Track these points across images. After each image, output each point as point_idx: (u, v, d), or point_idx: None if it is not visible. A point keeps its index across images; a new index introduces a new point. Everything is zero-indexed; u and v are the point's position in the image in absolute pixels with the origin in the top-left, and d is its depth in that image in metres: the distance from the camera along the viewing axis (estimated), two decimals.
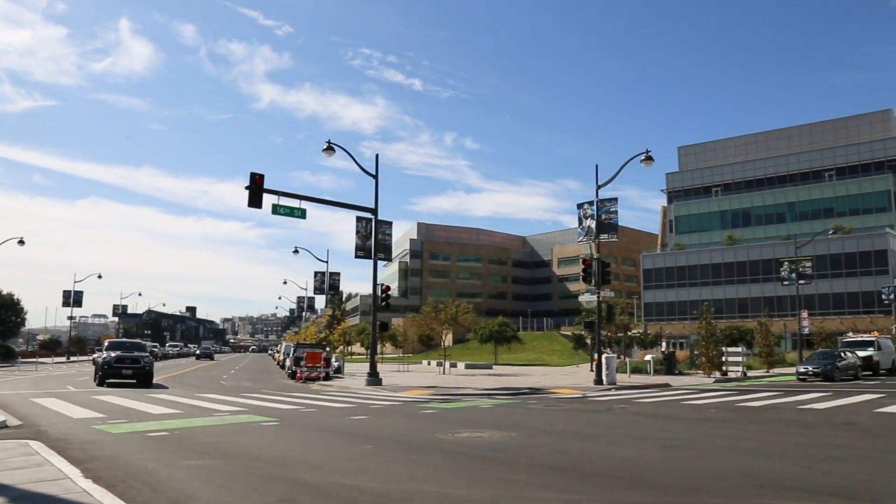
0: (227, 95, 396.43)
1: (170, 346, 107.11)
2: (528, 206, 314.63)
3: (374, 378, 27.18)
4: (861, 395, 21.45)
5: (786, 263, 46.57)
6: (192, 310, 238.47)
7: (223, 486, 7.68)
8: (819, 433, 12.27)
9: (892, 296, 57.88)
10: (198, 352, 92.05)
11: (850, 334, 45.53)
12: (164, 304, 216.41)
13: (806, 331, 46.13)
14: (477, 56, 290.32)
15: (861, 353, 34.81)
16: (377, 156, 28.09)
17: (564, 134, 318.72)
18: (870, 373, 34.83)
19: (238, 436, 12.12)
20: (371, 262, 27.72)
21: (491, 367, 51.87)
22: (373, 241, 27.26)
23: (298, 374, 31.78)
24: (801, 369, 30.80)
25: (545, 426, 13.75)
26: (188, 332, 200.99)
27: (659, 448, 10.47)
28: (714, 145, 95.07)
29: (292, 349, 38.57)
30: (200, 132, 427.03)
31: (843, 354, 32.82)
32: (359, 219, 27.26)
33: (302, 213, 25.10)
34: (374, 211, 27.44)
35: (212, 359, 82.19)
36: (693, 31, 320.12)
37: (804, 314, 46.01)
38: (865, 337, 40.00)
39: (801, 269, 45.17)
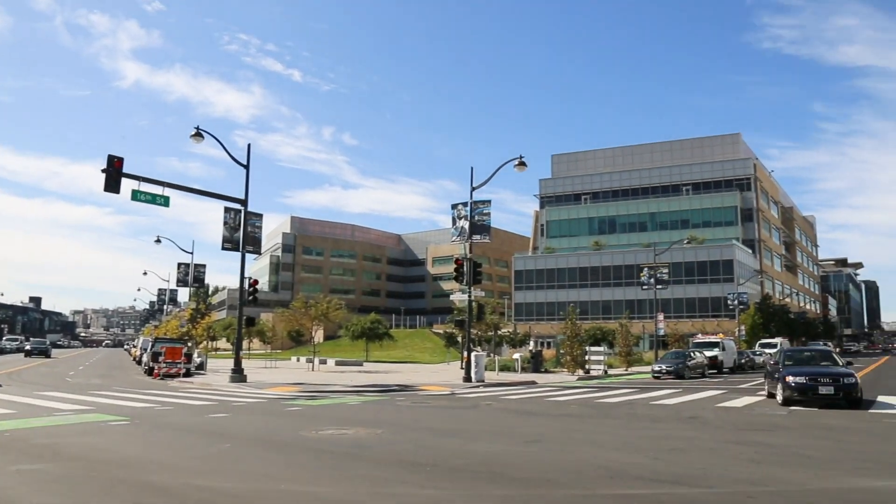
0: (85, 70, 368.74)
1: (7, 339, 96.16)
2: (405, 204, 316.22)
3: (238, 374, 26.24)
4: (706, 391, 23.00)
5: (645, 269, 49.40)
6: (36, 300, 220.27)
7: (59, 492, 7.05)
8: (667, 427, 13.00)
9: (736, 301, 62.88)
10: (28, 347, 65.94)
11: (699, 336, 48.97)
12: (1, 294, 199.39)
13: (661, 332, 49.09)
14: (359, 51, 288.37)
15: (708, 353, 37.50)
16: (249, 145, 27.17)
17: (443, 135, 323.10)
18: (715, 371, 37.54)
19: (81, 436, 11.25)
20: (239, 254, 26.74)
21: (362, 364, 51.53)
22: (241, 232, 26.32)
23: (156, 371, 30.11)
24: (656, 368, 32.73)
25: (412, 423, 13.73)
26: (31, 325, 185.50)
27: (521, 443, 10.70)
28: (585, 155, 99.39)
29: (150, 344, 36.50)
30: (54, 107, 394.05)
31: (692, 354, 35.18)
32: (227, 209, 26.20)
33: (165, 201, 23.78)
34: (244, 202, 26.48)
35: (47, 356, 62.40)
36: (572, 44, 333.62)
37: (660, 317, 48.93)
38: (712, 338, 43.17)
39: (658, 275, 48.03)
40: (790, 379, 16.85)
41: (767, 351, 49.92)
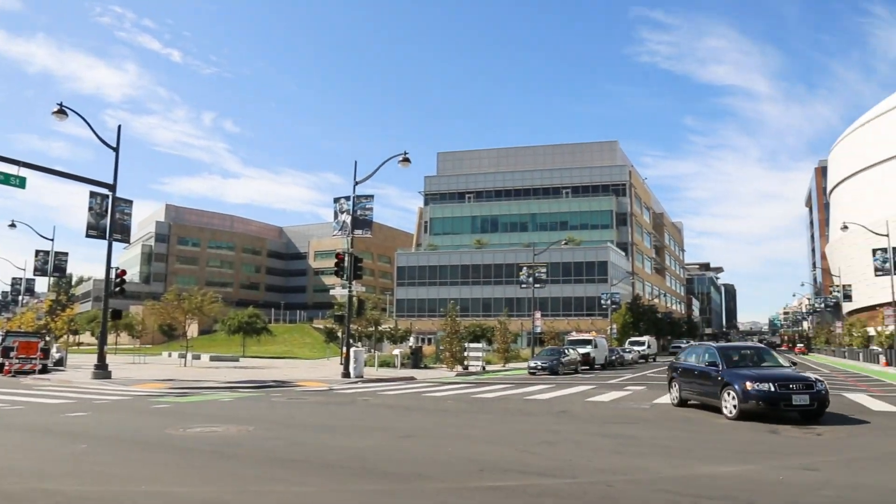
0: None
1: None
2: (288, 196, 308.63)
3: (102, 371, 24.71)
4: (578, 386, 23.98)
5: (525, 269, 50.81)
6: None
7: None
8: (538, 421, 13.44)
9: (609, 301, 65.95)
10: None
11: (574, 333, 50.99)
12: None
13: (538, 330, 50.67)
14: (245, 35, 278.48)
15: (581, 350, 39.15)
16: (119, 127, 25.58)
17: (329, 127, 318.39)
18: (588, 367, 39.24)
19: None
20: (106, 243, 25.18)
21: (238, 360, 49.97)
22: (109, 219, 24.78)
23: (7, 367, 27.82)
24: (532, 364, 33.79)
25: (286, 419, 13.46)
26: None
27: (396, 438, 10.74)
28: (470, 154, 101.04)
29: (1, 338, 33.71)
30: None
31: (566, 351, 36.61)
32: (93, 194, 24.55)
33: (20, 182, 21.99)
34: (113, 186, 24.94)
35: None
36: (462, 45, 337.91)
37: (537, 315, 50.52)
38: (586, 336, 45.08)
39: (537, 275, 49.53)
40: (751, 386, 13.08)
41: (636, 349, 52.78)
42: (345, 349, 28.33)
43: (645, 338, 59.37)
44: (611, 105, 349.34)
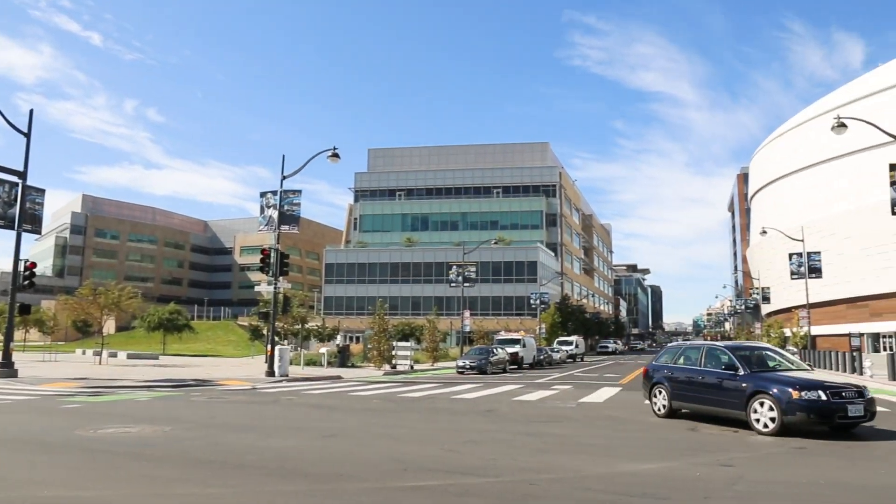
0: None
1: None
2: (214, 189, 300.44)
3: (7, 368, 23.38)
4: (505, 385, 24.15)
5: (454, 267, 50.94)
6: None
7: None
8: (465, 420, 13.42)
9: (538, 301, 66.88)
10: None
11: (503, 333, 51.46)
12: None
13: (467, 329, 50.90)
14: (170, 22, 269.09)
15: (510, 350, 39.53)
16: (32, 111, 24.28)
17: (259, 119, 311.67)
18: (516, 366, 39.64)
19: None
20: (14, 233, 23.84)
21: (157, 358, 48.30)
22: (18, 209, 23.47)
23: None
24: (460, 363, 33.88)
25: (205, 419, 13.00)
26: None
27: (318, 438, 10.51)
28: (402, 152, 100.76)
29: None
30: None
31: (495, 350, 36.85)
32: (1, 181, 23.22)
33: None
34: (23, 174, 23.64)
35: None
36: (398, 42, 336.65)
37: (467, 314, 50.76)
38: (514, 335, 45.57)
39: (466, 273, 49.74)
40: (798, 395, 10.90)
41: (564, 348, 53.68)
42: (269, 347, 27.71)
43: (573, 338, 60.47)
44: (543, 107, 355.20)
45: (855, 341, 37.14)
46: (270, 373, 26.76)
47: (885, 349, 62.85)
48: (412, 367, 36.42)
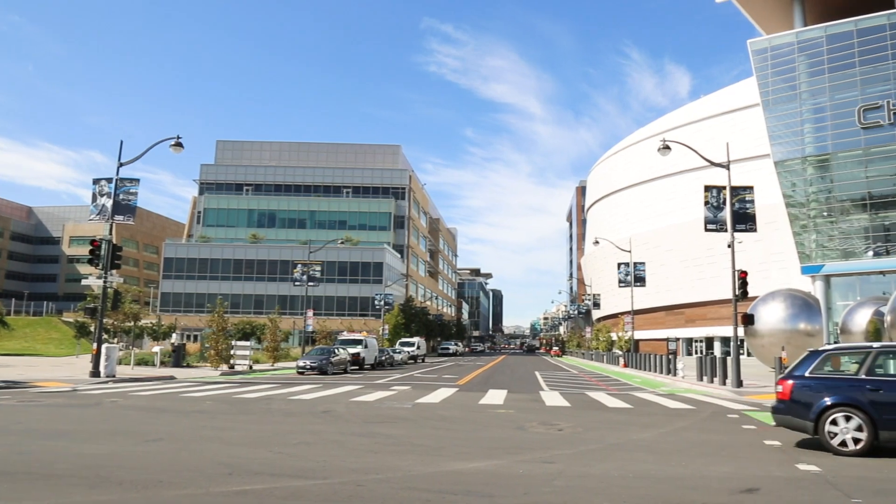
0: None
1: None
2: (42, 172, 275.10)
3: None
4: (345, 386, 24.06)
5: (299, 266, 50.03)
6: None
7: None
8: (300, 421, 13.25)
9: (382, 302, 67.19)
10: None
11: (345, 333, 51.16)
12: None
13: (310, 328, 50.13)
14: None
15: (352, 350, 39.39)
16: None
17: (98, 100, 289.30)
18: (357, 367, 39.55)
19: None
20: None
21: None
22: None
23: None
24: (301, 363, 33.30)
25: (11, 425, 11.93)
26: None
27: (140, 442, 9.97)
28: (252, 145, 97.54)
29: None
30: None
31: (337, 351, 36.59)
32: None
33: None
34: None
35: None
36: (251, 33, 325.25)
37: (310, 313, 50.01)
38: (357, 336, 45.42)
39: (311, 273, 49.02)
40: None
41: (407, 349, 54.26)
42: (96, 345, 25.82)
43: (415, 339, 61.25)
44: (397, 110, 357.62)
45: (672, 345, 40.63)
46: (95, 373, 24.98)
47: (696, 352, 69.28)
48: (251, 368, 35.36)
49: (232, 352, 35.39)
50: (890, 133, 52.28)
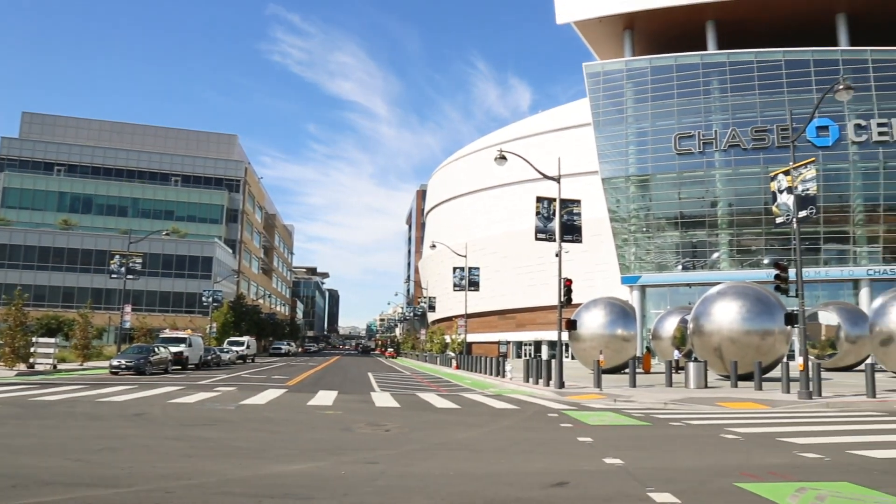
0: None
1: None
2: None
3: None
4: (164, 387, 22.55)
5: (117, 257, 46.26)
6: None
7: None
8: (107, 425, 12.14)
9: (211, 299, 64.02)
10: None
11: (167, 331, 48.14)
12: None
13: (128, 325, 46.61)
14: None
15: (174, 349, 37.12)
16: None
17: None
18: (180, 367, 37.31)
19: None
20: None
21: None
22: None
23: None
24: (115, 362, 30.81)
25: None
26: None
27: None
28: (66, 121, 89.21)
29: None
30: None
31: (157, 349, 34.29)
32: None
33: None
34: None
35: None
36: (69, 5, 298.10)
37: (128, 309, 46.52)
38: (180, 334, 42.82)
39: (131, 264, 45.58)
40: None
41: (235, 349, 52.10)
42: None
43: (245, 338, 59.00)
44: (236, 98, 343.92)
45: (503, 348, 42.26)
46: None
47: (526, 355, 72.53)
48: (55, 367, 32.22)
49: (32, 349, 32.04)
50: (699, 160, 58.07)
